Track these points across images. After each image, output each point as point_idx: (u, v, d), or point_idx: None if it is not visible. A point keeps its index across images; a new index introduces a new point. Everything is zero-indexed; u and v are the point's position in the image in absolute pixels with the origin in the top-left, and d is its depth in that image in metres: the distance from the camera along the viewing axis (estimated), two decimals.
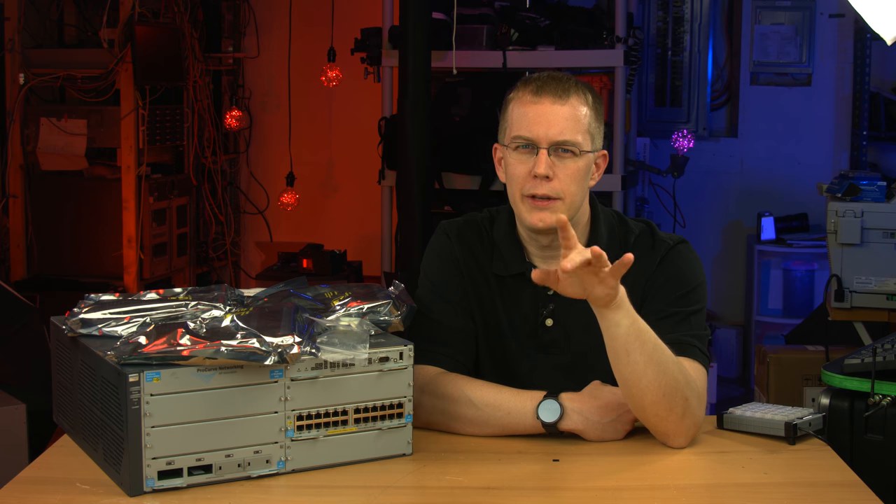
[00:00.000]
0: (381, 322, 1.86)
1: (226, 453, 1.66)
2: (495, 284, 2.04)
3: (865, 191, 3.57)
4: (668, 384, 1.79)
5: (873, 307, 3.54)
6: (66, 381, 1.86)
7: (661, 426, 1.83)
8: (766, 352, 3.86)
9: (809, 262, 4.98)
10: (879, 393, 2.15)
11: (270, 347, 1.65)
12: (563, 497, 1.69)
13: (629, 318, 1.77)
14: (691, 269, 2.00)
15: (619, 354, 1.78)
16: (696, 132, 5.11)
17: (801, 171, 5.17)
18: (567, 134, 1.91)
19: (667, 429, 1.83)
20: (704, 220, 5.29)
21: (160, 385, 1.60)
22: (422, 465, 1.78)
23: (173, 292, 1.90)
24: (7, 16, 4.26)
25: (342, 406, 1.74)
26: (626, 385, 1.81)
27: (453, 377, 1.94)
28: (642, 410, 1.82)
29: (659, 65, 5.26)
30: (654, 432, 1.85)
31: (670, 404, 1.80)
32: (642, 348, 1.77)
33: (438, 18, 4.02)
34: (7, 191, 4.32)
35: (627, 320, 1.76)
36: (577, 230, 2.00)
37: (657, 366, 1.78)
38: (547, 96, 1.92)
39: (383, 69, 4.35)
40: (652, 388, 1.78)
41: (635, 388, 1.79)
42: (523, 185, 1.94)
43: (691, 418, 1.83)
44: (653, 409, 1.81)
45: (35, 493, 1.65)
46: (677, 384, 1.80)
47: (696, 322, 1.95)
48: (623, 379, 1.80)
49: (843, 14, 5.11)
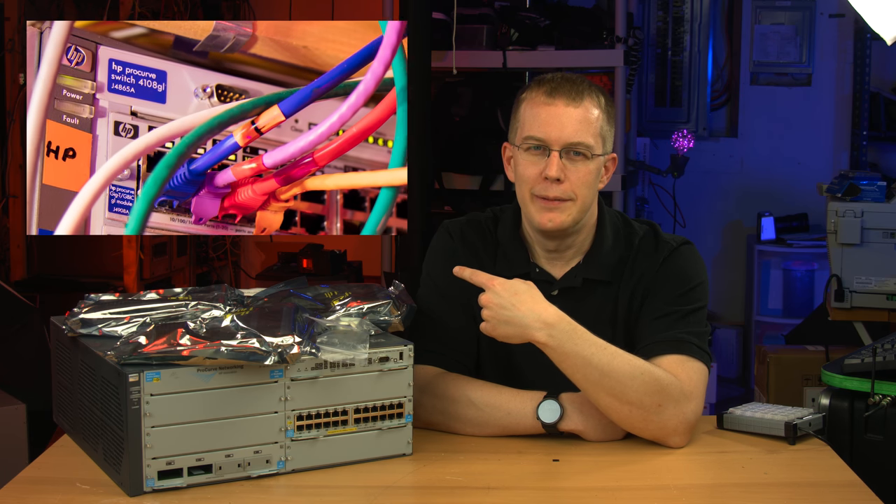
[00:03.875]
0: (381, 322, 1.86)
1: (226, 453, 1.66)
2: None
3: (865, 191, 3.57)
4: (630, 401, 1.81)
5: (873, 307, 3.54)
6: (66, 381, 1.86)
7: (647, 433, 1.84)
8: (766, 352, 3.86)
9: (809, 262, 4.98)
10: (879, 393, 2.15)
11: (270, 347, 1.65)
12: (563, 497, 1.69)
13: (560, 355, 1.82)
14: (693, 268, 2.00)
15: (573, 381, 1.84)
16: (696, 132, 5.11)
17: (801, 171, 5.17)
18: (579, 136, 1.92)
19: (654, 434, 1.84)
20: (704, 220, 5.29)
21: (160, 385, 1.60)
22: (422, 465, 1.78)
23: (173, 292, 1.90)
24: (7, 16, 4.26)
25: (342, 406, 1.74)
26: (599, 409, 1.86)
27: (454, 377, 1.94)
28: (620, 424, 1.85)
29: (659, 65, 5.26)
30: (647, 438, 1.86)
31: (643, 415, 1.82)
32: (586, 380, 1.82)
33: (438, 18, 4.02)
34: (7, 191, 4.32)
35: (559, 357, 1.82)
36: (583, 232, 2.01)
37: (609, 390, 1.81)
38: (560, 98, 1.93)
39: None
40: (614, 408, 1.82)
41: (601, 408, 1.84)
42: (534, 185, 1.94)
43: (676, 418, 1.82)
44: (627, 422, 1.84)
45: (35, 493, 1.64)
46: (643, 396, 1.81)
47: (694, 320, 1.95)
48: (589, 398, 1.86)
49: (843, 14, 5.11)
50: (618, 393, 1.80)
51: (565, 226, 1.95)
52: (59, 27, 2.18)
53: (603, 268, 2.01)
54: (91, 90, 2.21)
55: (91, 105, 2.22)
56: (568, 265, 2.02)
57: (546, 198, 1.93)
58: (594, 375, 1.80)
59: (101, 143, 2.23)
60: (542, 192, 1.93)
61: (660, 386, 1.81)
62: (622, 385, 1.80)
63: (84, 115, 2.21)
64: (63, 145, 2.20)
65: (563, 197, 1.93)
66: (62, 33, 2.17)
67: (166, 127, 2.22)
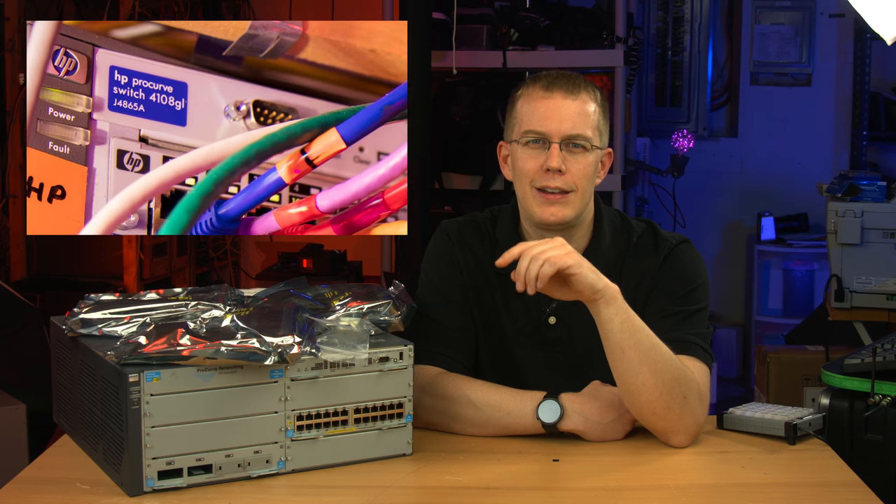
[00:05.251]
0: (381, 322, 1.86)
1: (226, 453, 1.66)
2: (497, 283, 2.03)
3: (865, 191, 3.57)
4: (664, 382, 1.79)
5: (873, 307, 3.54)
6: (66, 381, 1.86)
7: (659, 424, 1.83)
8: (766, 352, 3.86)
9: (809, 262, 4.98)
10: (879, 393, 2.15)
11: (270, 347, 1.65)
12: (563, 497, 1.69)
13: (621, 315, 1.78)
14: (694, 268, 2.00)
15: (614, 352, 1.80)
16: (696, 132, 5.11)
17: (801, 171, 5.17)
18: (578, 128, 1.93)
19: (665, 427, 1.83)
20: (704, 220, 5.29)
21: (160, 385, 1.60)
22: (422, 465, 1.78)
23: (173, 292, 1.90)
24: (7, 16, 4.26)
25: (342, 406, 1.74)
26: (622, 382, 1.82)
27: (453, 377, 1.94)
28: (639, 408, 1.83)
29: (659, 65, 5.26)
30: (654, 431, 1.85)
31: (668, 402, 1.80)
32: (637, 346, 1.78)
33: (438, 18, 4.02)
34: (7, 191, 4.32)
35: (620, 317, 1.78)
36: (581, 229, 2.01)
37: (652, 364, 1.78)
38: (558, 91, 1.94)
39: None
40: (648, 387, 1.79)
41: (631, 385, 1.80)
42: (534, 178, 1.94)
43: (691, 416, 1.83)
44: (649, 407, 1.81)
45: (35, 493, 1.64)
46: (675, 382, 1.80)
47: (698, 320, 1.95)
48: (619, 376, 1.81)
49: (843, 14, 5.11)
50: (659, 370, 1.79)
51: (567, 218, 1.95)
52: (43, 27, 1.62)
53: (601, 264, 2.00)
54: (86, 108, 1.65)
55: (86, 128, 1.65)
56: None
57: (547, 190, 1.93)
58: (646, 343, 1.79)
59: (100, 180, 1.68)
60: (542, 182, 1.93)
61: (686, 378, 1.82)
62: (664, 363, 1.79)
63: (76, 142, 1.65)
64: (49, 182, 1.64)
65: (564, 188, 1.93)
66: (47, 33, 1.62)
67: (187, 157, 1.65)
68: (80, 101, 1.67)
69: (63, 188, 1.69)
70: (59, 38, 1.63)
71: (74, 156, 1.67)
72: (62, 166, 1.67)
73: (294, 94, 1.77)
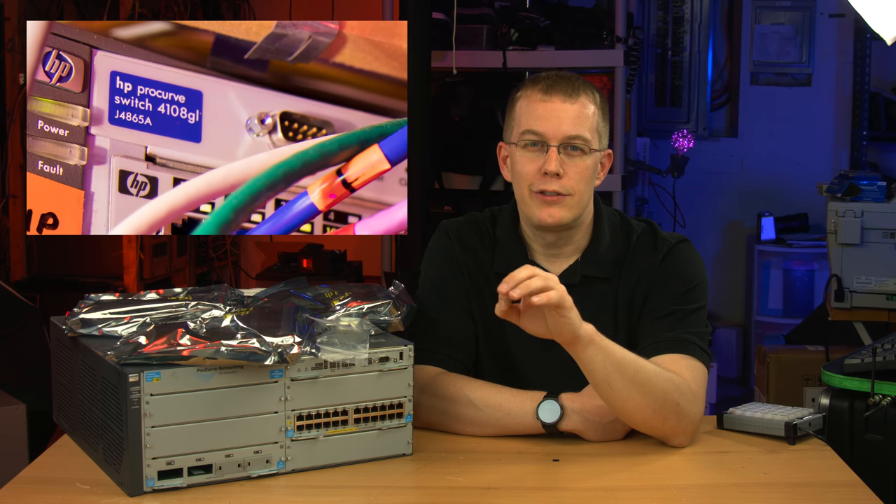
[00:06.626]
0: (381, 322, 1.86)
1: (226, 453, 1.66)
2: (496, 283, 2.03)
3: (865, 191, 3.57)
4: (656, 399, 1.80)
5: (873, 307, 3.54)
6: (66, 381, 1.86)
7: (658, 434, 1.85)
8: (766, 352, 3.86)
9: (809, 262, 4.98)
10: (879, 393, 2.15)
11: (270, 347, 1.65)
12: (563, 497, 1.69)
13: (603, 353, 1.78)
14: (692, 267, 2.00)
15: (601, 386, 1.80)
16: (696, 132, 5.11)
17: (801, 171, 5.17)
18: (577, 130, 1.93)
19: (665, 434, 1.85)
20: (704, 220, 5.29)
21: (160, 385, 1.60)
22: (422, 465, 1.77)
23: (173, 292, 1.90)
24: (7, 16, 4.26)
25: (342, 406, 1.74)
26: (615, 409, 1.83)
27: (453, 377, 1.94)
28: (637, 426, 1.85)
29: (659, 65, 5.25)
30: (653, 436, 1.86)
31: (663, 416, 1.82)
32: (622, 376, 1.78)
33: (438, 18, 4.02)
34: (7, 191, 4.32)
35: (601, 355, 1.78)
36: (581, 229, 2.01)
37: (640, 387, 1.79)
38: (557, 94, 1.94)
39: None
40: (641, 408, 1.80)
41: (624, 410, 1.82)
42: (532, 181, 1.94)
43: (687, 419, 1.83)
44: (646, 424, 1.83)
45: (35, 493, 1.64)
46: (666, 396, 1.81)
47: (696, 320, 1.95)
48: (611, 405, 1.83)
49: (843, 14, 5.11)
50: (647, 390, 1.79)
51: (565, 221, 1.95)
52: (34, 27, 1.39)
53: (601, 264, 2.01)
54: (82, 121, 1.42)
55: (82, 145, 1.42)
56: (566, 262, 2.02)
57: (545, 192, 1.93)
58: (630, 370, 1.79)
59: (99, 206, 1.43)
60: (540, 186, 1.93)
61: (675, 385, 1.83)
62: (651, 382, 1.80)
63: (71, 161, 1.42)
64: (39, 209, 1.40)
65: (561, 191, 1.93)
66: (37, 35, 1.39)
67: (202, 180, 1.42)
68: (75, 112, 1.41)
69: (55, 216, 1.44)
70: (50, 39, 1.37)
71: (69, 178, 1.41)
72: (54, 190, 1.40)
73: (329, 104, 1.52)
